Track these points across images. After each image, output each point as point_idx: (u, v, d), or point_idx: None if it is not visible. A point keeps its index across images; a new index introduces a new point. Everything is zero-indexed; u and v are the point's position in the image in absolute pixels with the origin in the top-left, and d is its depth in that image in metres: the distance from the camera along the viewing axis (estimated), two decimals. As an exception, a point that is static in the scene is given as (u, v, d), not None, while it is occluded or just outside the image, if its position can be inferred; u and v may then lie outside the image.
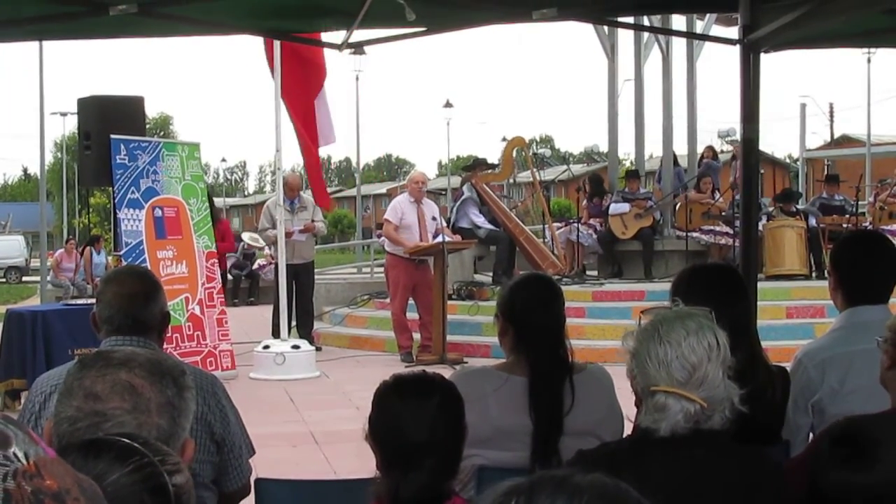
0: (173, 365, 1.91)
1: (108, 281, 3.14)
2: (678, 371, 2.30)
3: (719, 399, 2.31)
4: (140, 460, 1.51)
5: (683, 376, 2.30)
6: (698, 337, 2.33)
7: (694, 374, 2.30)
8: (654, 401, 2.32)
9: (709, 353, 2.32)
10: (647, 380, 2.33)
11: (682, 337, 2.33)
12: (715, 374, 2.31)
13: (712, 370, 2.31)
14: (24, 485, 1.12)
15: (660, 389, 2.31)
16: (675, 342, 2.32)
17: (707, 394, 2.30)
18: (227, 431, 3.04)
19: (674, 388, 2.30)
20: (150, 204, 10.46)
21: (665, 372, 2.30)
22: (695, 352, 2.31)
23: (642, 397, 2.38)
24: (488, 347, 11.18)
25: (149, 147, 10.60)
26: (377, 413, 2.43)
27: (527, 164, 14.72)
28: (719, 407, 2.32)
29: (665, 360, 2.31)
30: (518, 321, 3.14)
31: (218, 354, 10.55)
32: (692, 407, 2.29)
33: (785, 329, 11.21)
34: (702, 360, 2.31)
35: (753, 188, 5.32)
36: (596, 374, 3.23)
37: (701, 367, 2.30)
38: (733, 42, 5.12)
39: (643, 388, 2.36)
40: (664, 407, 2.31)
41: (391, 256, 11.78)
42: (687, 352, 2.31)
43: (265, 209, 12.52)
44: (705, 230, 14.45)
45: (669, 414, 2.30)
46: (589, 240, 14.72)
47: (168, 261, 10.45)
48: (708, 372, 2.30)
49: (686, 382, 2.30)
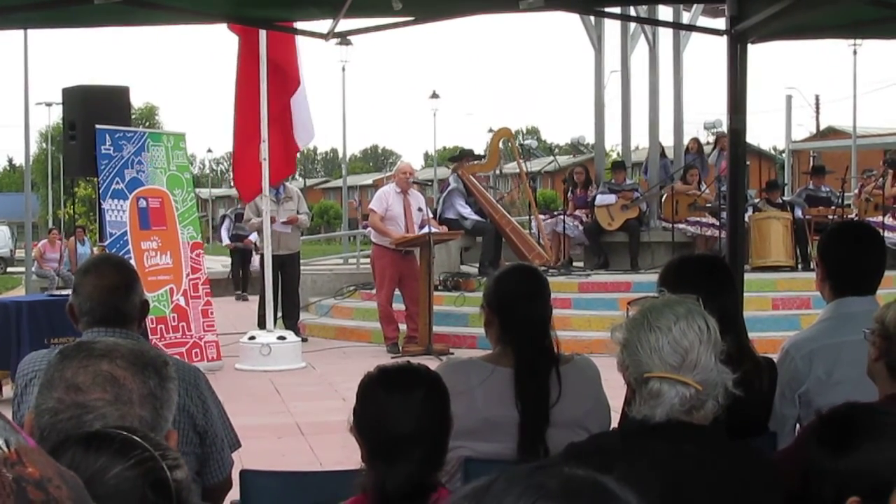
0: (155, 356, 1.89)
1: (87, 272, 3.11)
2: (670, 356, 2.28)
3: (713, 383, 2.30)
4: (141, 454, 1.51)
5: (676, 360, 2.28)
6: (688, 321, 2.32)
7: (686, 357, 2.28)
8: (648, 388, 2.30)
9: (700, 336, 2.30)
10: (640, 367, 2.32)
11: (671, 322, 2.31)
12: (707, 358, 2.30)
13: (704, 354, 2.30)
14: (5, 472, 1.10)
15: (653, 375, 2.29)
16: (665, 328, 2.30)
17: (701, 377, 2.28)
18: (209, 423, 3.03)
19: (667, 373, 2.29)
20: (134, 194, 10.42)
21: (658, 358, 2.29)
22: (686, 336, 2.30)
23: (635, 387, 2.36)
24: (474, 338, 11.17)
25: (134, 137, 10.56)
26: (362, 405, 2.42)
27: (513, 155, 14.72)
28: (713, 391, 2.30)
29: (656, 345, 2.29)
30: (504, 312, 3.13)
31: (203, 345, 10.53)
32: (687, 391, 2.28)
33: (771, 320, 11.24)
34: (693, 343, 2.29)
35: (740, 179, 5.32)
36: (582, 366, 3.22)
37: (693, 350, 2.29)
38: (720, 33, 5.12)
39: (636, 378, 2.34)
40: (659, 393, 2.29)
41: (377, 247, 11.76)
42: (678, 336, 2.29)
43: (251, 200, 12.48)
44: (691, 221, 14.47)
45: (664, 399, 2.28)
46: (575, 231, 14.74)
47: (152, 251, 10.41)
48: (700, 355, 2.29)
49: (679, 367, 2.28)
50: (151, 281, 10.06)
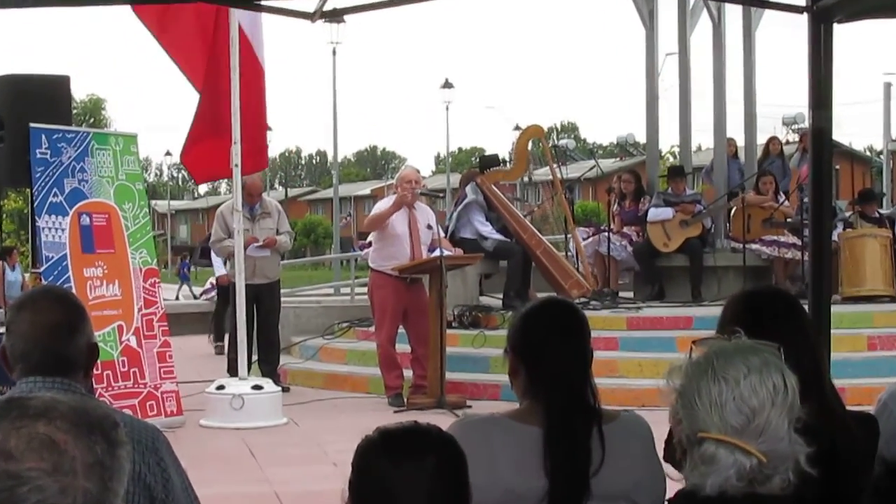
0: (103, 415, 1.90)
1: (22, 307, 3.13)
2: (734, 415, 2.30)
3: (782, 455, 2.31)
4: None
5: (740, 422, 2.30)
6: (762, 376, 2.33)
7: (753, 419, 2.30)
8: (701, 451, 2.32)
9: (773, 396, 2.31)
10: (695, 424, 2.33)
11: (741, 374, 2.33)
12: (779, 424, 2.31)
13: (775, 418, 2.31)
14: None
15: (709, 437, 2.31)
16: (733, 380, 2.32)
17: (767, 447, 2.30)
18: (169, 495, 3.05)
19: (727, 435, 2.30)
20: (75, 210, 10.46)
21: (717, 416, 2.30)
22: (756, 393, 2.31)
23: (687, 447, 2.37)
24: (497, 388, 11.17)
25: (76, 139, 10.61)
26: (360, 478, 2.43)
27: (545, 159, 14.74)
28: (781, 465, 2.31)
29: (718, 400, 2.31)
30: (532, 358, 3.15)
31: (160, 396, 10.55)
32: (748, 461, 2.29)
33: (865, 364, 11.21)
34: (763, 404, 2.30)
35: (825, 189, 5.34)
36: (631, 424, 3.23)
37: (762, 412, 2.30)
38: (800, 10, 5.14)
39: (689, 435, 2.36)
40: (713, 458, 2.30)
41: (377, 274, 11.78)
42: (747, 392, 2.31)
43: (219, 216, 12.53)
44: (767, 241, 14.45)
45: (719, 468, 2.30)
46: (622, 253, 14.74)
47: (97, 280, 10.45)
48: (770, 419, 2.30)
49: (742, 430, 2.30)
50: (96, 317, 10.09)
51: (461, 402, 10.94)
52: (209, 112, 11.22)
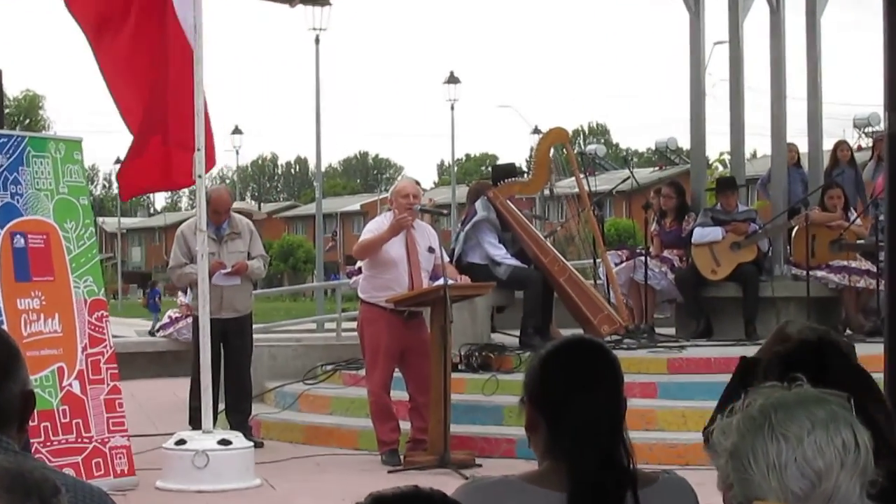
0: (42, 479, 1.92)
1: None
2: (796, 480, 2.31)
3: None
4: None
5: (803, 487, 2.31)
6: (829, 432, 2.34)
7: (819, 484, 2.31)
8: None
9: (842, 456, 2.32)
10: (750, 490, 2.34)
11: (804, 430, 2.34)
12: (849, 489, 2.32)
13: (846, 482, 2.32)
14: None
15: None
16: (795, 437, 2.33)
17: None
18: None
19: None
20: (7, 229, 10.47)
21: (776, 480, 2.32)
22: (822, 453, 2.32)
23: None
24: (512, 443, 11.17)
25: (8, 144, 10.63)
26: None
27: (570, 168, 14.75)
28: None
29: (777, 461, 2.32)
30: (553, 409, 3.16)
31: (108, 453, 10.54)
32: None
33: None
34: (831, 465, 2.31)
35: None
36: (672, 488, 3.24)
37: (829, 475, 2.31)
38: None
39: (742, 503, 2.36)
40: None
41: (368, 307, 11.78)
42: (811, 452, 2.32)
43: (178, 236, 12.54)
44: (835, 267, 14.45)
45: None
46: (662, 281, 14.74)
47: (33, 314, 10.45)
48: (840, 484, 2.31)
49: (806, 497, 2.31)
50: (32, 357, 10.09)
51: (469, 461, 10.93)
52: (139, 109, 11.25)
